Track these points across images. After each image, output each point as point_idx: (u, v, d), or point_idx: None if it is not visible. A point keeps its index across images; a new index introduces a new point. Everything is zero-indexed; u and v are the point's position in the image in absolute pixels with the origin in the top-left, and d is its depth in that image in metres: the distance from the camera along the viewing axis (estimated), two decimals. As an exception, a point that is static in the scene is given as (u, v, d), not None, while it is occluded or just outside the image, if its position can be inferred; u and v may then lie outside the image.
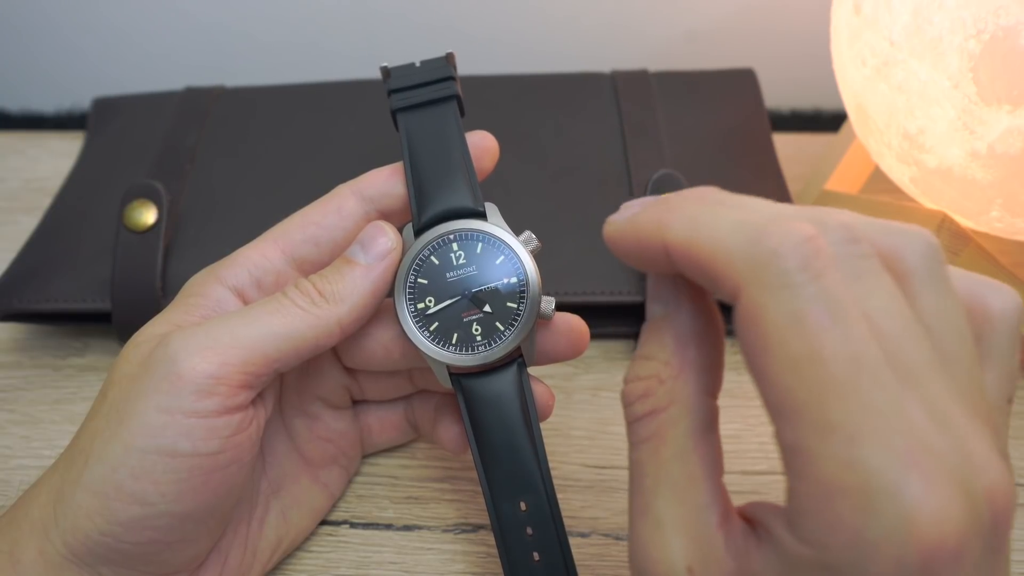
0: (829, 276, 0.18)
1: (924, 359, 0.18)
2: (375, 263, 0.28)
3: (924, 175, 0.36)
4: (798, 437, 0.18)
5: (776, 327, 0.18)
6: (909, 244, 0.20)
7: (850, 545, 0.17)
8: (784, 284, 0.18)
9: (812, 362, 0.17)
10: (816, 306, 0.18)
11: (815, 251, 0.18)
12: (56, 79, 0.61)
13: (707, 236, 0.19)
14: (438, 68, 0.31)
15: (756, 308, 0.18)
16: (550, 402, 0.30)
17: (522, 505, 0.28)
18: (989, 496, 0.18)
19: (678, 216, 0.20)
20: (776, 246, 0.18)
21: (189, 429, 0.25)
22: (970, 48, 0.31)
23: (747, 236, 0.18)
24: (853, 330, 0.18)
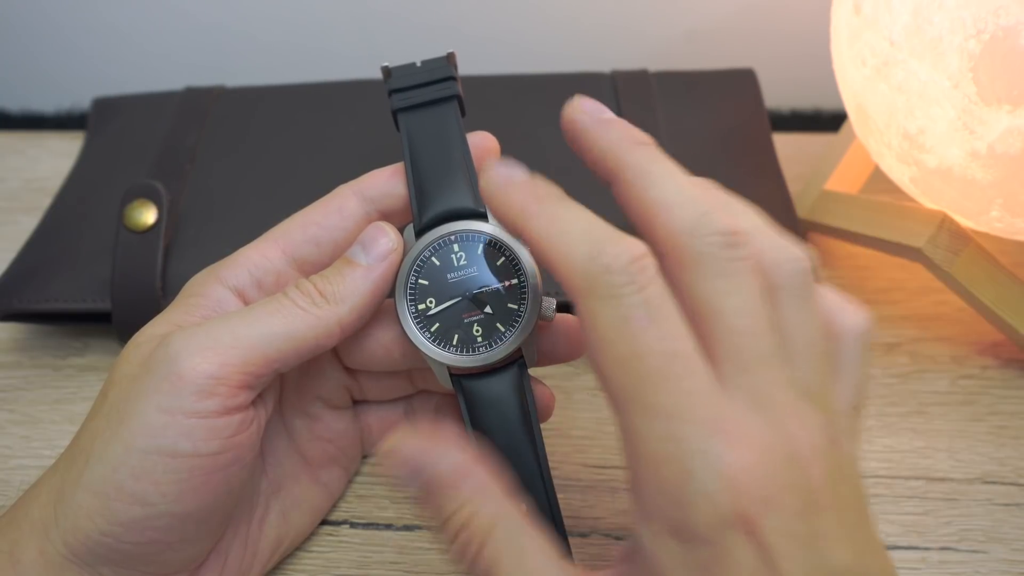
0: (651, 289, 0.21)
1: (760, 353, 0.21)
2: (376, 264, 0.28)
3: (924, 175, 0.36)
4: (629, 421, 0.21)
5: (606, 330, 0.21)
6: (785, 262, 0.23)
7: (677, 505, 0.20)
8: (612, 295, 0.21)
9: (635, 357, 0.21)
10: (638, 312, 0.21)
11: (641, 268, 0.21)
12: (56, 79, 0.61)
13: (558, 242, 0.22)
14: (439, 68, 0.31)
15: (590, 314, 0.21)
16: (551, 403, 0.30)
17: (522, 506, 0.28)
18: (795, 458, 0.20)
19: (539, 210, 0.23)
20: (609, 262, 0.21)
21: (189, 429, 0.25)
22: (970, 48, 0.31)
23: (589, 250, 0.22)
24: (669, 328, 0.21)
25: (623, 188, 0.24)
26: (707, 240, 0.22)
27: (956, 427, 0.37)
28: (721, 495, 0.20)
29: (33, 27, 0.58)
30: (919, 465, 0.36)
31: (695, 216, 0.22)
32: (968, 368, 0.39)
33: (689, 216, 0.22)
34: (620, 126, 0.24)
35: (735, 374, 0.21)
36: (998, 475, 0.35)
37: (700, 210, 0.22)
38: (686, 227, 0.22)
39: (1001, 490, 0.34)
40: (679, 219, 0.22)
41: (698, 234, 0.22)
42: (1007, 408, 0.38)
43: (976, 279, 0.36)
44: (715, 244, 0.22)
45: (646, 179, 0.23)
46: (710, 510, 0.20)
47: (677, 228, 0.22)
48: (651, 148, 0.24)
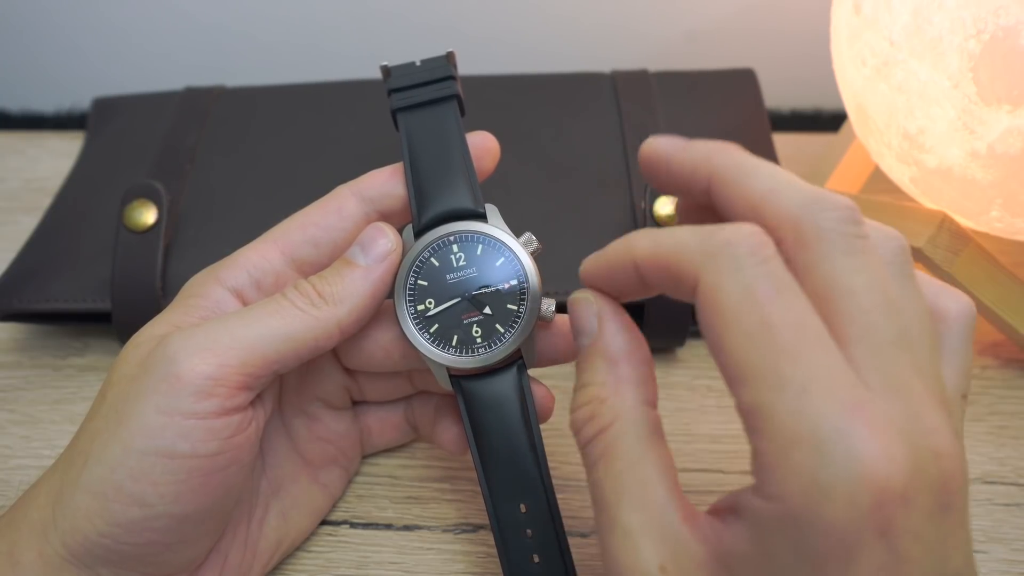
0: (774, 262, 0.20)
1: (892, 334, 0.20)
2: (375, 265, 0.28)
3: (924, 175, 0.36)
4: (755, 397, 0.20)
5: (731, 301, 0.20)
6: (887, 241, 0.22)
7: (807, 490, 0.18)
8: (735, 266, 0.20)
9: (763, 329, 0.20)
10: (764, 282, 0.20)
11: (761, 243, 0.21)
12: (56, 79, 0.61)
13: (669, 242, 0.22)
14: (438, 67, 0.31)
15: (713, 289, 0.21)
16: (550, 404, 0.30)
17: (522, 507, 0.28)
18: (936, 456, 0.19)
19: (641, 236, 0.23)
20: (728, 237, 0.21)
21: (188, 430, 0.25)
22: (970, 48, 0.31)
23: (703, 235, 0.21)
24: (797, 301, 0.20)
25: (724, 188, 0.23)
26: (829, 215, 0.21)
27: (956, 427, 0.37)
28: (861, 488, 0.18)
29: (33, 27, 0.58)
30: (919, 465, 0.36)
31: (810, 193, 0.21)
32: (968, 368, 0.39)
33: (803, 195, 0.21)
34: (704, 142, 0.24)
35: (869, 356, 0.20)
36: (998, 475, 0.35)
37: (813, 189, 0.22)
38: (803, 205, 0.21)
39: (1001, 490, 0.34)
40: (794, 199, 0.21)
41: (818, 210, 0.21)
42: (1007, 408, 0.38)
43: (976, 279, 0.36)
44: (838, 219, 0.21)
45: (746, 171, 0.23)
46: (846, 504, 0.18)
47: (795, 207, 0.21)
48: (739, 149, 0.24)
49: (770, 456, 0.19)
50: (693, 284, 0.21)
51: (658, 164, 0.25)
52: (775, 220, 0.21)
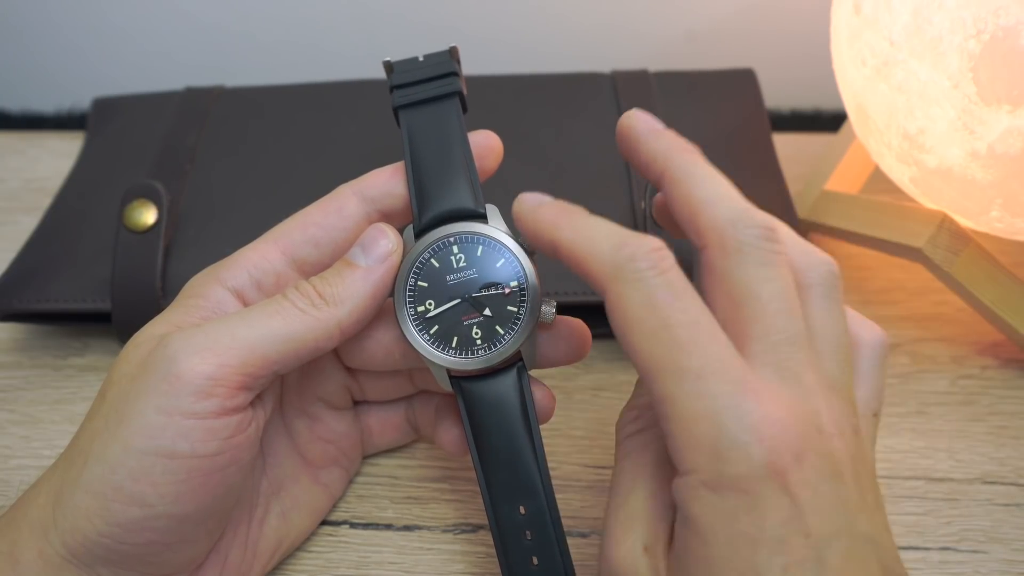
0: (672, 273, 0.23)
1: (788, 335, 0.23)
2: (375, 265, 0.28)
3: (924, 175, 0.36)
4: (662, 388, 0.22)
5: (635, 309, 0.23)
6: (816, 265, 0.25)
7: (712, 458, 0.21)
8: (638, 278, 0.23)
9: (664, 328, 0.22)
10: (662, 290, 0.23)
11: (661, 257, 0.23)
12: (56, 79, 0.61)
13: (586, 241, 0.25)
14: (441, 63, 0.31)
15: (619, 298, 0.23)
16: (551, 405, 0.30)
17: (521, 509, 0.28)
18: (819, 431, 0.22)
19: (568, 221, 0.26)
20: (633, 252, 0.23)
21: (188, 430, 0.25)
22: (970, 48, 0.31)
23: (614, 244, 0.24)
24: (692, 304, 0.23)
25: (671, 187, 0.26)
26: (749, 231, 0.24)
27: (956, 427, 0.37)
28: (753, 446, 0.21)
29: (33, 27, 0.58)
30: (919, 465, 0.36)
31: (738, 210, 0.24)
32: (968, 368, 0.39)
33: (732, 209, 0.24)
34: (670, 135, 0.27)
35: (764, 351, 0.23)
36: (998, 475, 0.35)
37: (742, 206, 0.24)
38: (730, 219, 0.24)
39: (1001, 490, 0.34)
40: (724, 212, 0.24)
41: (741, 225, 0.24)
42: (1007, 408, 0.38)
43: (976, 279, 0.36)
44: (756, 235, 0.23)
45: (692, 179, 0.25)
46: (743, 460, 0.21)
47: (722, 220, 0.24)
48: (697, 155, 0.26)
49: (678, 437, 0.22)
50: (602, 290, 0.24)
51: (628, 142, 0.27)
52: (706, 228, 0.24)
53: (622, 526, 0.24)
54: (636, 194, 0.41)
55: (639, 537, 0.24)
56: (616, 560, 0.24)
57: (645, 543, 0.24)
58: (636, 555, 0.24)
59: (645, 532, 0.24)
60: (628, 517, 0.24)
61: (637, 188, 0.41)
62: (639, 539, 0.24)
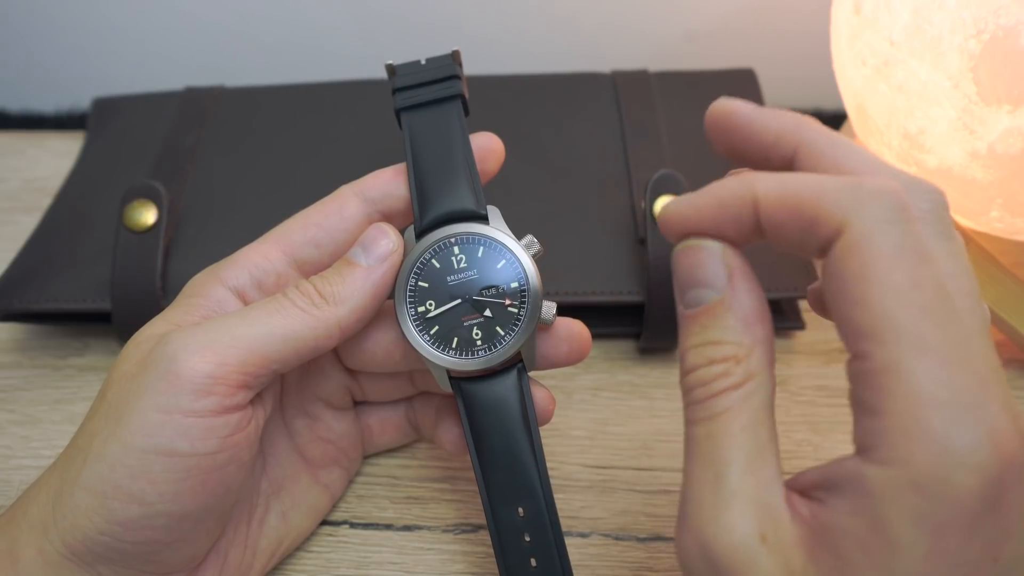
0: (920, 224, 0.20)
1: (980, 323, 0.21)
2: (376, 265, 0.28)
3: (924, 175, 0.36)
4: (895, 355, 0.19)
5: (883, 256, 0.19)
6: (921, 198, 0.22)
7: (939, 455, 0.18)
8: (889, 219, 0.20)
9: (913, 288, 0.19)
10: (915, 241, 0.20)
11: (906, 203, 0.20)
12: (56, 79, 0.61)
13: (802, 185, 0.21)
14: (444, 66, 0.31)
15: (863, 239, 0.20)
16: (550, 407, 0.30)
17: (520, 511, 0.28)
18: None
19: (762, 177, 0.22)
20: (878, 189, 0.20)
21: (187, 429, 0.25)
22: (970, 48, 0.31)
23: (847, 182, 0.20)
24: (939, 267, 0.20)
25: (815, 160, 0.22)
26: (928, 197, 0.21)
27: (956, 427, 0.37)
28: (992, 459, 0.18)
29: (33, 27, 0.58)
30: (919, 465, 0.35)
31: (906, 178, 0.22)
32: (968, 368, 0.39)
33: (901, 178, 0.22)
34: (784, 111, 0.24)
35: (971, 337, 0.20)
36: (998, 475, 0.35)
37: (907, 174, 0.22)
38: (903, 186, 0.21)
39: (1001, 490, 0.34)
40: (894, 179, 0.21)
41: (916, 193, 0.21)
42: (1007, 408, 0.38)
43: (976, 279, 0.36)
44: (935, 203, 0.21)
45: (840, 148, 0.22)
46: (978, 472, 0.18)
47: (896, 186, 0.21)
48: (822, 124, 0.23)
49: (900, 418, 0.19)
50: (835, 231, 0.20)
51: (734, 127, 0.24)
52: None
53: (726, 506, 0.20)
54: (636, 194, 0.41)
55: (751, 522, 0.20)
56: (723, 548, 0.20)
57: (761, 531, 0.20)
58: (752, 545, 0.20)
59: (758, 516, 0.20)
60: (732, 495, 0.20)
61: (637, 188, 0.41)
62: (752, 525, 0.20)
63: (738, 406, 0.21)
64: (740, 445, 0.21)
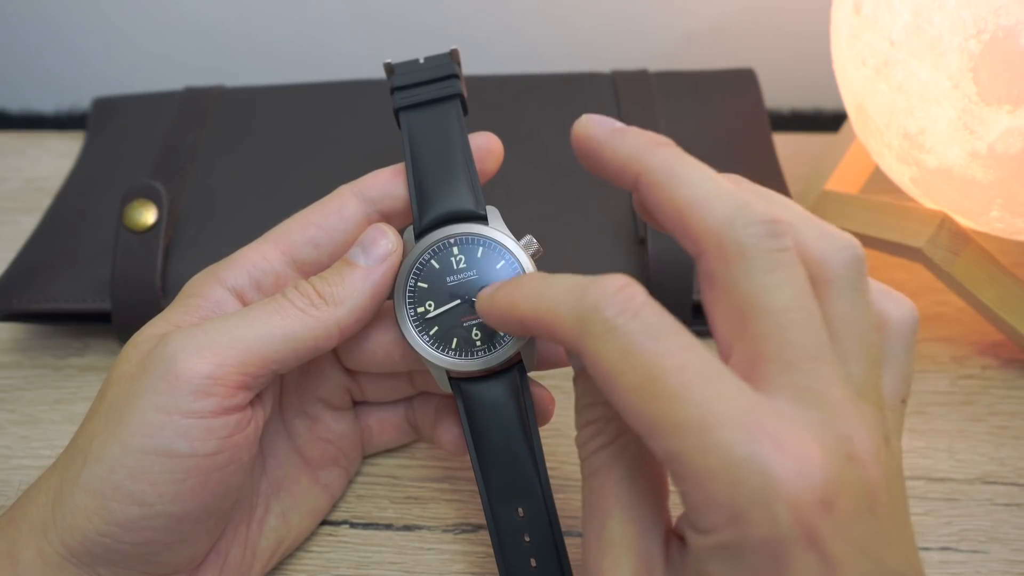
0: (645, 311, 0.20)
1: (807, 349, 0.20)
2: (375, 265, 0.28)
3: (924, 175, 0.36)
4: (663, 445, 0.20)
5: (613, 365, 0.20)
6: (837, 253, 0.22)
7: (730, 520, 0.19)
8: (608, 331, 0.20)
9: (650, 382, 0.20)
10: (639, 336, 0.20)
11: (628, 296, 0.21)
12: (56, 79, 0.61)
13: (546, 305, 0.22)
14: (442, 65, 0.31)
15: (594, 356, 0.21)
16: (550, 407, 0.30)
17: (520, 511, 0.28)
18: (851, 459, 0.19)
19: (521, 293, 0.23)
20: (595, 301, 0.21)
21: (186, 429, 0.25)
22: (970, 48, 0.31)
23: (573, 299, 0.21)
24: (676, 341, 0.20)
25: (652, 191, 0.23)
26: (749, 231, 0.21)
27: (956, 427, 0.37)
28: (777, 504, 0.18)
29: (33, 27, 0.58)
30: (919, 465, 0.36)
31: (734, 207, 0.21)
32: (968, 368, 0.39)
33: (727, 208, 0.21)
34: (637, 132, 0.24)
35: (779, 372, 0.20)
36: (998, 475, 0.35)
37: (738, 201, 0.21)
38: (725, 219, 0.21)
39: (1001, 490, 0.34)
40: (717, 212, 0.21)
41: (739, 225, 0.21)
42: (1007, 408, 0.38)
43: (976, 279, 0.36)
44: (757, 234, 0.21)
45: (676, 178, 0.22)
46: (766, 522, 0.18)
47: (716, 221, 0.21)
48: (674, 148, 0.23)
49: (691, 495, 0.20)
50: (575, 350, 0.21)
51: (588, 152, 0.24)
52: (698, 233, 0.21)
53: (606, 556, 0.22)
54: (636, 194, 0.41)
55: (627, 569, 0.22)
56: None
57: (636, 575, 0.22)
58: None
59: (634, 564, 0.22)
60: (610, 545, 0.22)
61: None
62: (627, 571, 0.22)
63: (611, 462, 0.23)
64: (618, 496, 0.22)
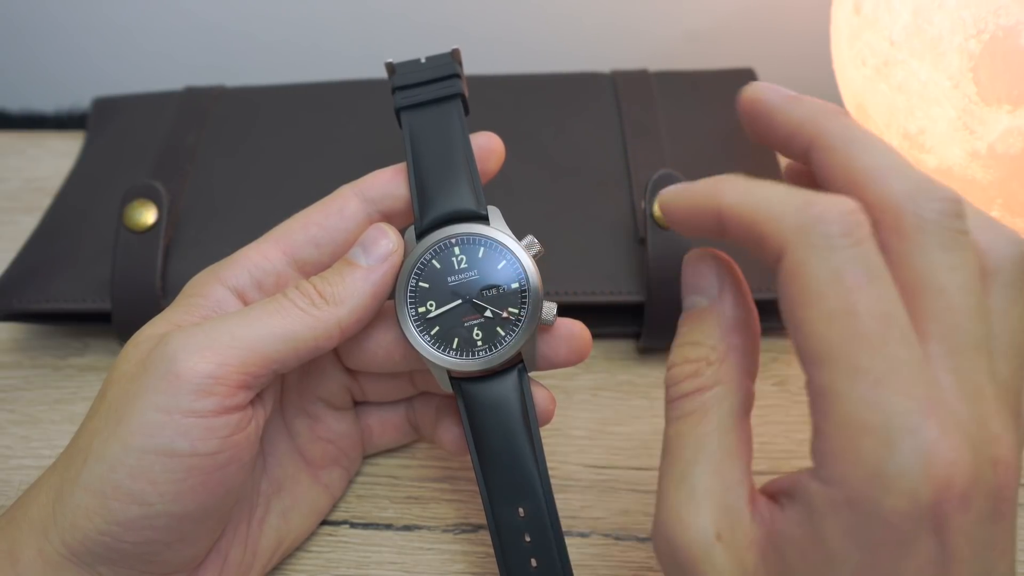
0: (867, 245, 0.20)
1: (974, 338, 0.20)
2: (376, 265, 0.28)
3: (924, 175, 0.36)
4: (829, 380, 0.19)
5: (817, 282, 0.20)
6: (1003, 247, 0.21)
7: (870, 478, 0.19)
8: (827, 245, 0.20)
9: (847, 314, 0.19)
10: (854, 267, 0.20)
11: (857, 223, 0.20)
12: (56, 79, 0.61)
13: (760, 200, 0.21)
14: (443, 65, 0.31)
15: (800, 265, 0.20)
16: (551, 407, 0.30)
17: (520, 511, 0.28)
18: (995, 463, 0.19)
19: (733, 185, 0.22)
20: (822, 212, 0.20)
21: (187, 429, 0.25)
22: (970, 48, 0.31)
23: (796, 203, 0.20)
24: (886, 291, 0.20)
25: (827, 155, 0.22)
26: (931, 207, 0.20)
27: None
28: (922, 484, 0.18)
29: (33, 27, 0.58)
30: None
31: (916, 181, 0.21)
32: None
33: (909, 180, 0.21)
34: (812, 100, 0.23)
35: (947, 355, 0.20)
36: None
37: (921, 176, 0.21)
38: (907, 192, 0.20)
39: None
40: (899, 184, 0.21)
41: (921, 200, 0.20)
42: None
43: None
44: (940, 212, 0.20)
45: (855, 145, 0.22)
46: (908, 496, 0.18)
47: (897, 193, 0.20)
48: (850, 118, 0.23)
49: (835, 440, 0.19)
50: (778, 254, 0.21)
51: (758, 115, 0.24)
52: (876, 201, 0.21)
53: (687, 505, 0.21)
54: (636, 194, 0.41)
55: (708, 521, 0.21)
56: (682, 544, 0.21)
57: (717, 529, 0.21)
58: (708, 542, 0.21)
59: (716, 515, 0.21)
60: (692, 494, 0.22)
61: (637, 188, 0.41)
62: (709, 523, 0.21)
63: (707, 409, 0.22)
64: (705, 447, 0.22)
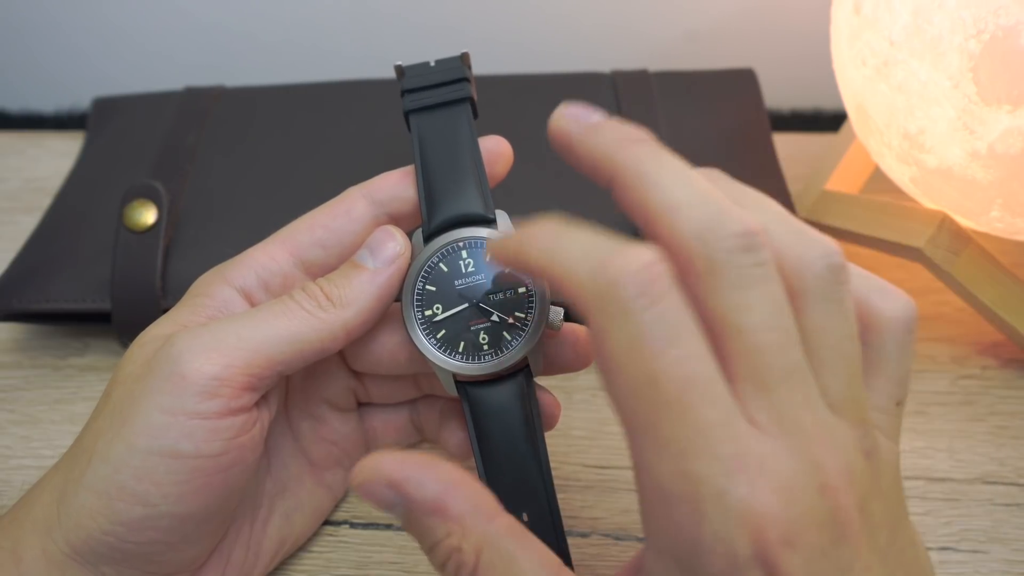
0: (666, 302, 0.19)
1: (782, 371, 0.20)
2: (383, 268, 0.28)
3: (924, 175, 0.36)
4: (639, 453, 0.19)
5: (617, 352, 0.19)
6: (812, 263, 0.21)
7: (690, 549, 0.19)
8: (623, 311, 0.19)
9: (648, 384, 0.19)
10: (652, 331, 0.19)
11: (653, 278, 0.19)
12: (56, 79, 0.61)
13: (560, 261, 0.21)
14: (453, 69, 0.31)
15: (600, 334, 0.19)
16: (556, 412, 0.30)
17: (524, 516, 0.28)
18: (822, 489, 0.19)
19: (541, 240, 0.21)
20: (616, 275, 0.19)
21: (192, 430, 0.25)
22: (970, 48, 0.31)
23: (592, 265, 0.20)
24: (687, 350, 0.19)
25: (624, 194, 0.21)
26: (720, 245, 0.20)
27: (956, 427, 0.37)
28: (740, 540, 0.18)
29: (33, 27, 0.58)
30: (919, 465, 0.36)
31: (706, 218, 0.20)
32: (968, 368, 0.39)
33: (699, 218, 0.20)
34: (611, 127, 0.22)
35: (757, 393, 0.19)
36: (998, 475, 0.35)
37: (711, 210, 0.20)
38: (696, 231, 0.20)
39: (1001, 490, 0.35)
40: (688, 222, 0.20)
41: (710, 239, 0.20)
42: (1007, 408, 0.38)
43: (976, 279, 0.36)
44: (728, 250, 0.20)
45: (646, 179, 0.21)
46: (726, 557, 0.18)
47: (686, 233, 0.20)
48: (648, 145, 0.22)
49: (653, 513, 0.19)
50: (584, 316, 0.20)
51: (562, 148, 0.23)
52: (670, 243, 0.20)
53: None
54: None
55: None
56: None
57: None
58: None
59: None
60: None
61: (637, 188, 0.41)
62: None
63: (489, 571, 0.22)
64: None
